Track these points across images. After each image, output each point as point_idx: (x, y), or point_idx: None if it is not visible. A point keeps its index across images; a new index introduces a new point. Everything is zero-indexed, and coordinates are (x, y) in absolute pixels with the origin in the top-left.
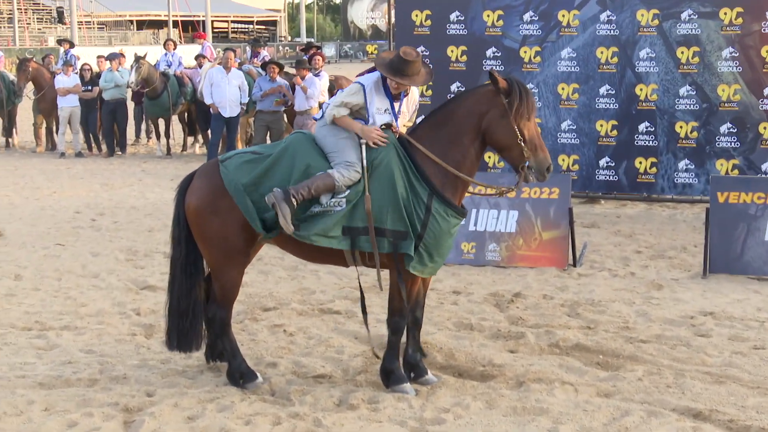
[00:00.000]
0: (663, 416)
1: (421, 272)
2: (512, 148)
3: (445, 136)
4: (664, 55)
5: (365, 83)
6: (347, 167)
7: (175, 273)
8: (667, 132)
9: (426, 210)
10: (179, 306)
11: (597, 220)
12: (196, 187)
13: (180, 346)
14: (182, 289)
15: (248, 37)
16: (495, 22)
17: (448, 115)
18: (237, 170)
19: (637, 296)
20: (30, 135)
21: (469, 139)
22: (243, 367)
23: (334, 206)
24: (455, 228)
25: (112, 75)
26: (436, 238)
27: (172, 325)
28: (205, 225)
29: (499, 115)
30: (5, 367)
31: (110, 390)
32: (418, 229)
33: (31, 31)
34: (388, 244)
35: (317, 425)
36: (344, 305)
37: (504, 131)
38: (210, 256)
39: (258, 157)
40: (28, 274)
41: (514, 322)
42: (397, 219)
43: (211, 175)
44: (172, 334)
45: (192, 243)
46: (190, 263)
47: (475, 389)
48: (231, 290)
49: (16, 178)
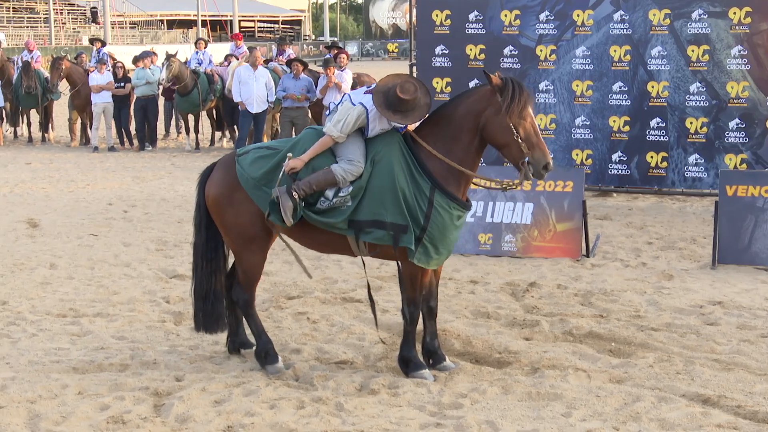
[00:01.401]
0: (673, 402)
1: (426, 264)
2: (509, 145)
3: (447, 133)
4: (675, 53)
5: (369, 107)
6: (349, 163)
7: (197, 258)
8: (678, 127)
9: (429, 203)
10: (201, 289)
11: (609, 212)
12: (214, 178)
13: (206, 327)
14: (203, 273)
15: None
16: (512, 21)
17: (448, 113)
18: (251, 165)
19: (648, 286)
20: (65, 130)
21: (468, 136)
22: (269, 348)
23: (341, 203)
24: (460, 221)
25: (144, 72)
26: (440, 230)
27: (197, 307)
28: (223, 214)
29: (494, 113)
30: (41, 353)
31: (141, 375)
32: (421, 222)
33: (66, 30)
34: (388, 237)
35: (339, 409)
36: (365, 294)
37: (499, 128)
38: (230, 241)
39: (272, 152)
40: (63, 264)
41: (530, 310)
42: (397, 212)
43: (228, 169)
44: (198, 316)
45: (212, 229)
46: (211, 248)
47: (491, 375)
48: (252, 273)
49: (51, 172)
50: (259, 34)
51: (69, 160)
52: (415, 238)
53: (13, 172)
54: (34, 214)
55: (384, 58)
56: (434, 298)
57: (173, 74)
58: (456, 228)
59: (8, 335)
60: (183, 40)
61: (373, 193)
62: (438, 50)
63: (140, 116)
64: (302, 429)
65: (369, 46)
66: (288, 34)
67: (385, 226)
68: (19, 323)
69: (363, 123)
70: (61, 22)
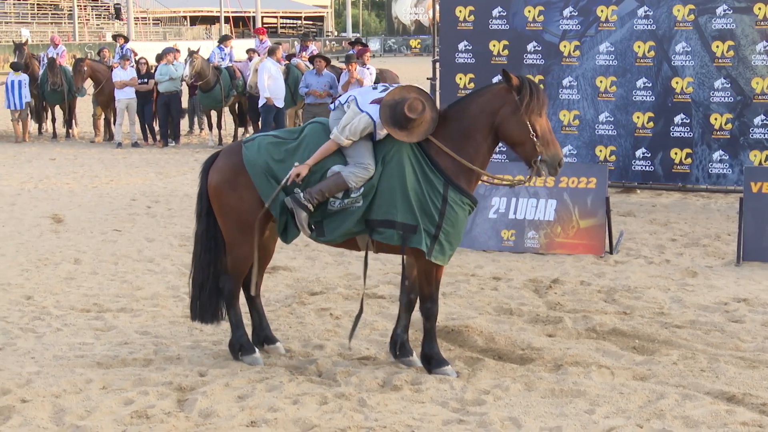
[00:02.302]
0: (697, 399)
1: (443, 261)
2: (525, 143)
3: (459, 131)
4: (700, 49)
5: (376, 119)
6: (359, 166)
7: (197, 247)
8: (702, 124)
9: (443, 200)
10: (199, 278)
11: (633, 209)
12: (219, 164)
13: (201, 317)
14: (202, 263)
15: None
16: (536, 17)
17: (461, 111)
18: (257, 152)
19: (672, 283)
20: (89, 126)
21: (482, 134)
22: (243, 340)
23: (352, 204)
24: (468, 216)
25: (167, 68)
26: (453, 226)
27: (194, 296)
28: (224, 199)
29: (511, 112)
30: (65, 347)
31: (164, 370)
32: (436, 219)
33: (90, 26)
34: (397, 237)
35: (362, 405)
36: (388, 290)
37: (516, 127)
38: (226, 229)
39: (279, 141)
40: (87, 259)
41: (553, 307)
42: (408, 212)
43: (234, 155)
44: (194, 305)
45: (212, 218)
46: (210, 237)
47: (514, 372)
48: (242, 264)
49: (75, 167)
50: (282, 30)
51: (93, 156)
52: (430, 236)
53: (38, 167)
54: (58, 210)
55: (406, 54)
56: (415, 291)
57: (196, 71)
58: (464, 224)
59: (33, 330)
60: (206, 36)
61: (384, 193)
62: (461, 46)
63: (163, 112)
64: (325, 425)
65: (391, 42)
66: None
67: (395, 225)
68: (44, 318)
69: (370, 131)
70: (85, 19)
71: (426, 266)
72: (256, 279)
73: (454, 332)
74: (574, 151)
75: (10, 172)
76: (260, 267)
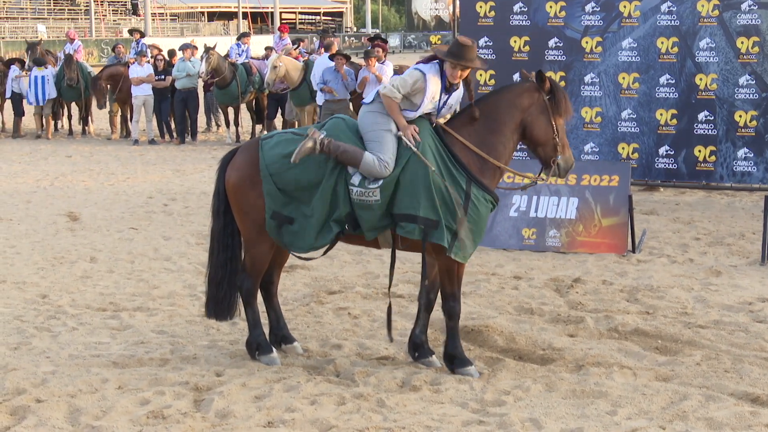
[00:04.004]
0: (721, 400)
1: (464, 258)
2: (547, 144)
3: (485, 127)
4: (724, 45)
5: (426, 71)
6: (380, 162)
7: (213, 244)
8: (727, 121)
9: (466, 196)
10: (216, 276)
11: (656, 207)
12: (237, 161)
13: (216, 314)
14: (219, 260)
15: (315, 28)
16: (557, 12)
17: (489, 107)
18: (273, 149)
19: (696, 282)
20: (105, 123)
21: (509, 131)
22: (261, 339)
23: (368, 195)
24: (490, 214)
25: (185, 65)
26: (476, 223)
27: (210, 294)
28: (243, 197)
29: (539, 111)
30: (81, 347)
31: (181, 369)
32: (458, 215)
33: (106, 22)
34: (418, 232)
35: (381, 406)
36: (407, 289)
37: (544, 126)
38: (244, 227)
39: (298, 138)
40: (103, 257)
41: (574, 306)
42: (429, 207)
43: (252, 151)
44: (209, 302)
45: (230, 215)
46: (228, 235)
47: (535, 372)
48: (260, 262)
49: (91, 165)
50: (300, 26)
51: (109, 153)
52: (451, 232)
53: (54, 164)
54: (74, 208)
55: (426, 50)
56: (435, 291)
57: (212, 67)
58: (485, 221)
59: (49, 329)
60: (224, 32)
61: (406, 186)
62: (482, 42)
63: (180, 109)
64: (343, 425)
65: (411, 38)
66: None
67: (417, 220)
68: (60, 317)
69: (421, 86)
70: (102, 14)
71: (447, 264)
72: (275, 278)
73: (474, 332)
74: (596, 148)
75: (26, 170)
76: (278, 265)
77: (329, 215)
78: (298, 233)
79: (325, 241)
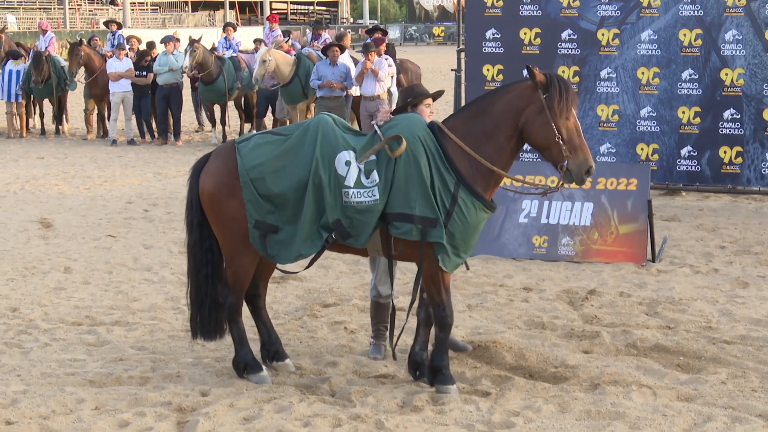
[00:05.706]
0: (748, 422)
1: (444, 266)
2: (551, 147)
3: (481, 129)
4: (752, 37)
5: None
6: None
7: (191, 260)
8: (755, 119)
9: (452, 199)
10: (198, 294)
11: (678, 213)
12: (212, 167)
13: (203, 334)
14: (199, 277)
15: (308, 19)
16: (571, 2)
17: (484, 108)
18: (253, 151)
19: (721, 294)
20: (80, 121)
21: (505, 135)
22: (248, 358)
23: (367, 196)
24: (482, 223)
25: (167, 59)
26: (462, 230)
27: (193, 313)
28: (221, 206)
29: (536, 112)
30: (54, 364)
31: (163, 389)
32: (443, 219)
33: (82, 12)
34: (416, 231)
35: (379, 428)
36: (407, 301)
37: (541, 128)
38: (224, 239)
39: (278, 139)
40: (78, 267)
41: (589, 320)
42: (426, 205)
43: (227, 156)
44: (194, 323)
45: (206, 228)
46: (206, 250)
47: (546, 391)
48: (243, 276)
49: (66, 167)
50: (292, 16)
51: (85, 155)
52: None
53: (25, 167)
54: (47, 214)
55: (429, 43)
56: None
57: (197, 61)
58: (478, 231)
59: (19, 345)
60: (209, 23)
61: (399, 184)
62: (489, 34)
63: (162, 106)
64: None
65: (413, 29)
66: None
67: (413, 219)
68: (31, 332)
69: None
70: (77, 4)
71: (431, 270)
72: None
73: (481, 348)
74: (613, 149)
75: None
76: (263, 277)
77: (316, 220)
78: (284, 242)
79: (315, 248)
